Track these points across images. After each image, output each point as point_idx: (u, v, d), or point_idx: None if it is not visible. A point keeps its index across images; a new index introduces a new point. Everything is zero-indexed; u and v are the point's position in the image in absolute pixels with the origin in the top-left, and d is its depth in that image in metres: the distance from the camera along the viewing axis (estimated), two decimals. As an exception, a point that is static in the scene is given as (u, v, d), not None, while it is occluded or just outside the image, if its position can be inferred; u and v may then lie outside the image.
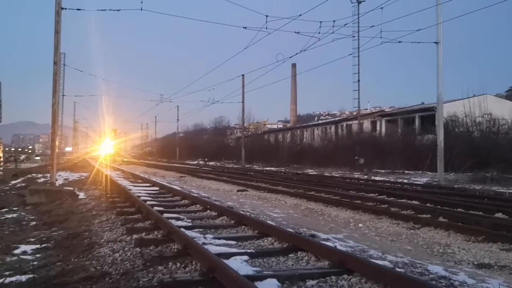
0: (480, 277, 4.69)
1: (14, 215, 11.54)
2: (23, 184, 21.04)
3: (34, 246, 6.95)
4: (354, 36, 29.58)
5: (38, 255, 6.31)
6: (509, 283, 4.56)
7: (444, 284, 4.26)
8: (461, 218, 8.12)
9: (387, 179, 20.17)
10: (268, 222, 7.49)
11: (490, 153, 23.23)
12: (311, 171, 28.37)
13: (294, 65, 71.31)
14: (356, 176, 23.23)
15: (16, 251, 6.68)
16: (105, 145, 48.74)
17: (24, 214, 11.72)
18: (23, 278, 4.91)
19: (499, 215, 8.71)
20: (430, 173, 23.21)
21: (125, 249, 5.75)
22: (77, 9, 16.68)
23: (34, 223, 10.03)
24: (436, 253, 6.05)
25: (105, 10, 17.96)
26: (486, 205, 9.94)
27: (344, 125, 47.65)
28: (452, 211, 9.00)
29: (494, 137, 27.35)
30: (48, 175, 17.18)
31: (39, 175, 25.59)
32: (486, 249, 6.16)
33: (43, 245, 7.06)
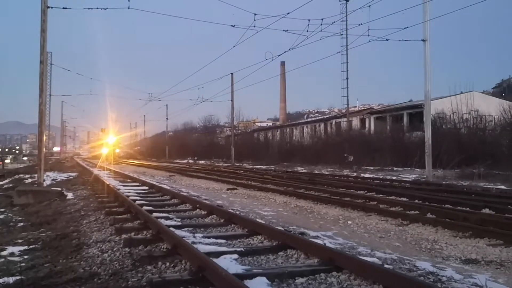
0: (467, 273, 4.75)
1: (1, 216, 11.44)
2: (10, 185, 20.81)
3: (21, 248, 6.87)
4: (342, 34, 29.71)
5: (25, 257, 6.24)
6: (495, 278, 4.63)
7: (432, 280, 4.30)
8: (449, 214, 8.19)
9: (376, 176, 20.30)
10: (258, 220, 7.49)
11: (477, 150, 23.51)
12: (301, 169, 28.44)
13: (283, 63, 71.56)
14: (345, 173, 23.35)
15: (3, 253, 6.60)
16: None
17: (11, 215, 11.61)
18: (11, 280, 4.85)
19: (486, 210, 8.81)
20: (418, 169, 23.42)
21: (114, 249, 5.71)
22: (64, 8, 16.58)
23: (21, 224, 9.94)
24: (424, 249, 6.11)
25: (92, 8, 17.86)
26: (474, 201, 10.05)
27: (333, 123, 47.83)
28: (440, 207, 9.09)
29: (481, 133, 27.66)
30: (36, 175, 17.01)
31: (27, 176, 25.29)
32: (473, 244, 6.23)
33: (31, 246, 6.99)
